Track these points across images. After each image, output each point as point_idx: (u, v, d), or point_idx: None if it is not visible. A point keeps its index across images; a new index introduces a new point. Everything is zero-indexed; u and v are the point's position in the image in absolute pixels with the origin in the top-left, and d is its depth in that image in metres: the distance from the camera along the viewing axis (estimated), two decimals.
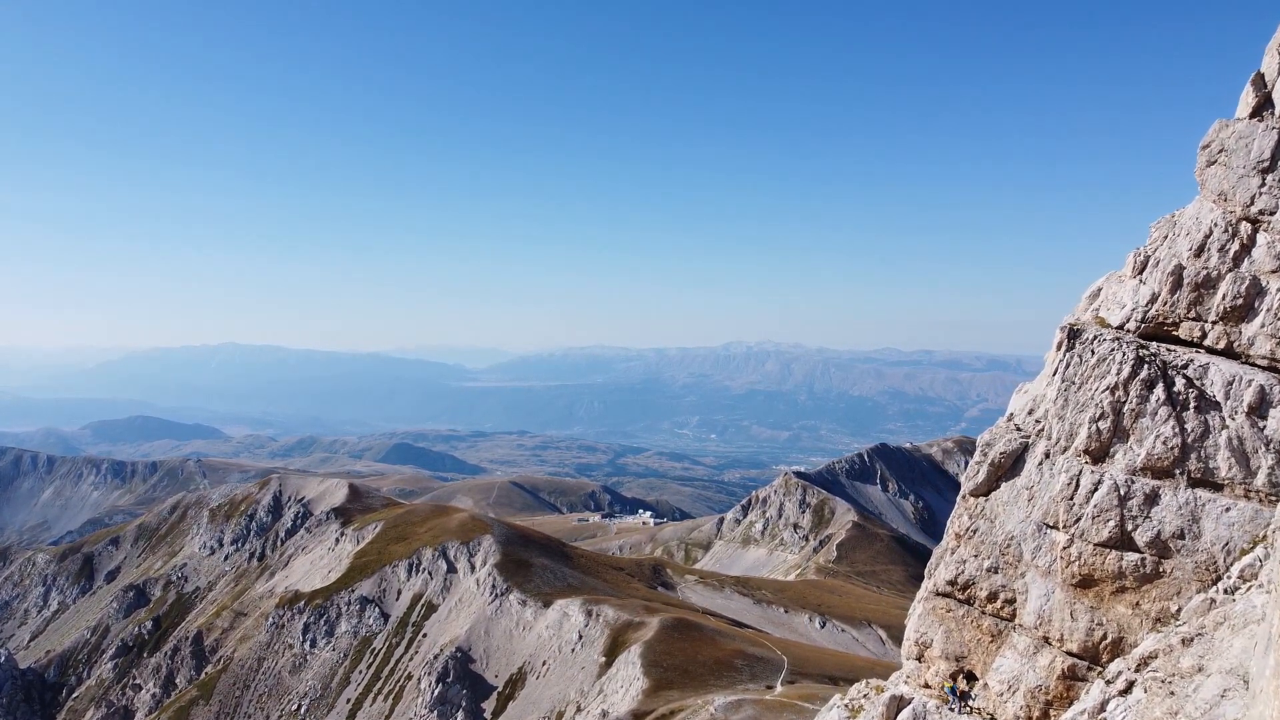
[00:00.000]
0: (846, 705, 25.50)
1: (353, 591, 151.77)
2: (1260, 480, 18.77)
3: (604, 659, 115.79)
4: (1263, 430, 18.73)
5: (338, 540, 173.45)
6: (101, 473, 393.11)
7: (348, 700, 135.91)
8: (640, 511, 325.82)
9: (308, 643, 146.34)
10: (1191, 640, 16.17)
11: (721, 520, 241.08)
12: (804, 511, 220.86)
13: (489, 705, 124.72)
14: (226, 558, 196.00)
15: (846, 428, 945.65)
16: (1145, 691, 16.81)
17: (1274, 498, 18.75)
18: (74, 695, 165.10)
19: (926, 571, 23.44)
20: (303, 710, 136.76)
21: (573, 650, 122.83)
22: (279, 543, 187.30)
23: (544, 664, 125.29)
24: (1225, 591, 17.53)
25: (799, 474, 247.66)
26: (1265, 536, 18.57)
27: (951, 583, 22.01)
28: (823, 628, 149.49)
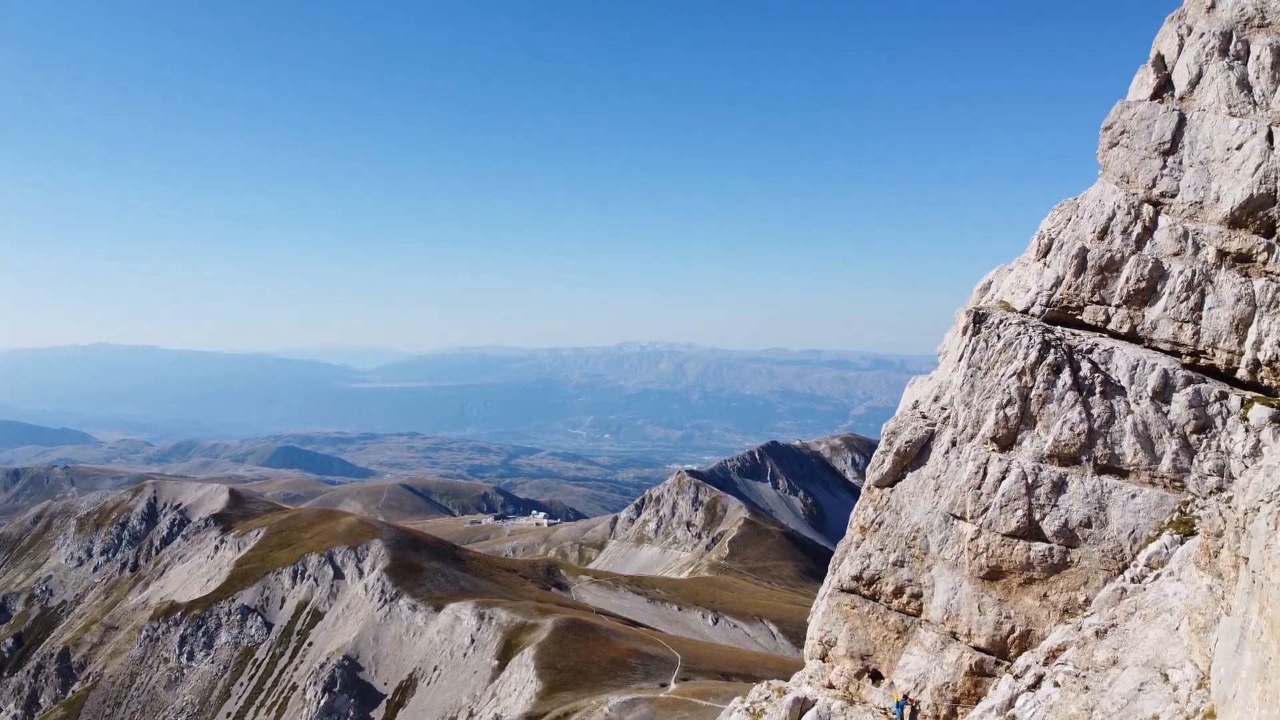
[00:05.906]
0: (748, 709, 24.37)
1: (233, 601, 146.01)
2: (1165, 466, 18.46)
3: (497, 662, 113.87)
4: (1166, 415, 18.40)
5: (217, 548, 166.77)
6: None
7: (228, 715, 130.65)
8: (534, 512, 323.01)
9: (185, 656, 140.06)
10: (1105, 632, 15.60)
11: (615, 520, 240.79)
12: (697, 509, 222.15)
13: (378, 714, 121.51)
14: (96, 569, 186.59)
15: (738, 426, 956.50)
16: (1056, 686, 16.22)
17: (1178, 484, 18.45)
18: None
19: (830, 567, 22.58)
20: None
21: (465, 655, 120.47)
22: (154, 552, 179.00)
23: (435, 669, 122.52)
24: (1134, 580, 17.09)
25: (692, 472, 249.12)
26: (1171, 523, 18.26)
27: (856, 578, 21.17)
28: (715, 624, 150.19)
